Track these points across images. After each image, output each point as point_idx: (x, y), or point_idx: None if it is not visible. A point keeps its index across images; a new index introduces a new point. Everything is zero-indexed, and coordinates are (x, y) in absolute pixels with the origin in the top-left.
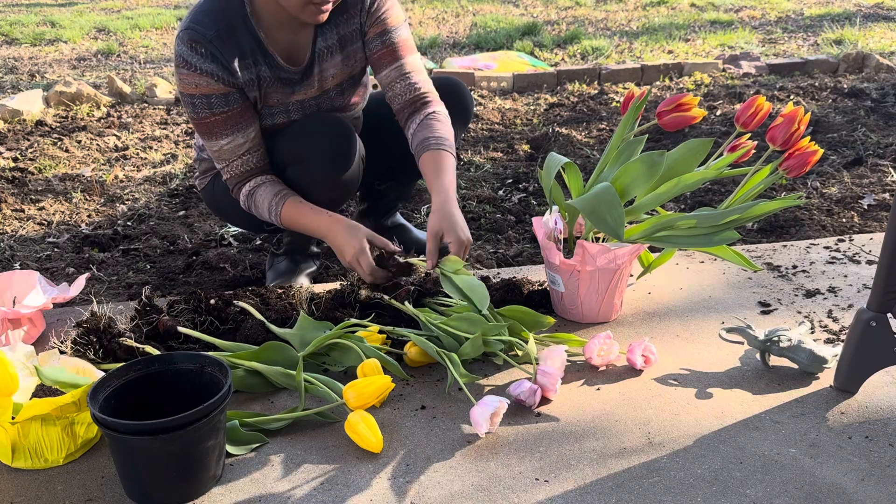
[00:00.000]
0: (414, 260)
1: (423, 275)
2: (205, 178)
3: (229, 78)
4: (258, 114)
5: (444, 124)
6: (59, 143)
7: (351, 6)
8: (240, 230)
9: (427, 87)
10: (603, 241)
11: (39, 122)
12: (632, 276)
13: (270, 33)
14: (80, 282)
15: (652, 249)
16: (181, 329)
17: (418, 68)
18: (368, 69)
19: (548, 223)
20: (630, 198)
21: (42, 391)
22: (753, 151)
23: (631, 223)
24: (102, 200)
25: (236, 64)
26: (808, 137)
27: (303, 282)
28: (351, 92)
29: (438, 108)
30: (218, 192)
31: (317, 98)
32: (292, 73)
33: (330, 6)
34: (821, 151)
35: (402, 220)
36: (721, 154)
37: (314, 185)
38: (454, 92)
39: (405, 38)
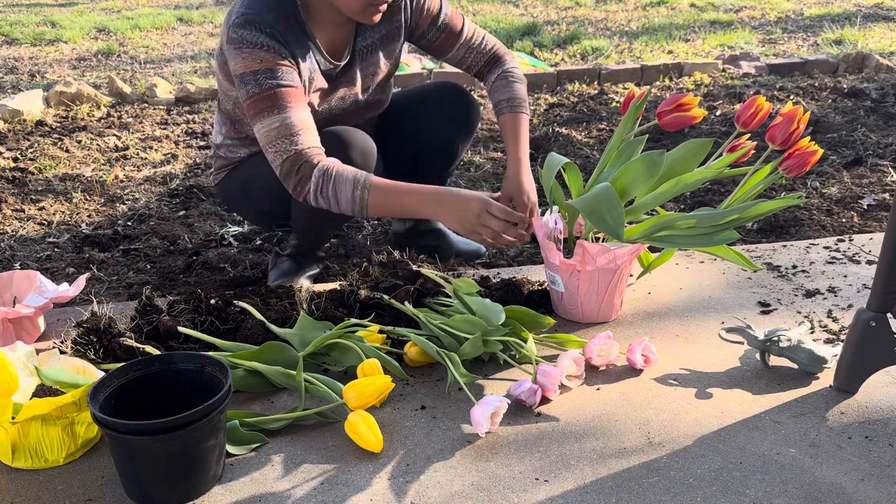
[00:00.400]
0: (426, 270)
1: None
2: (220, 174)
3: (290, 57)
4: None
5: (519, 82)
6: (59, 143)
7: (392, 4)
8: (240, 230)
9: (492, 45)
10: (603, 241)
11: (40, 122)
12: (632, 276)
13: (317, 28)
14: (81, 282)
15: (652, 249)
16: (181, 329)
17: (477, 32)
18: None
19: (548, 223)
20: (630, 198)
21: (42, 391)
22: (753, 151)
23: (631, 223)
24: (102, 200)
25: (295, 49)
26: (808, 137)
27: (303, 282)
28: (387, 89)
29: (510, 62)
30: (234, 188)
31: (357, 97)
32: (334, 69)
33: (385, 7)
34: (820, 151)
35: (440, 226)
36: (721, 154)
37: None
38: (459, 103)
39: (451, 11)
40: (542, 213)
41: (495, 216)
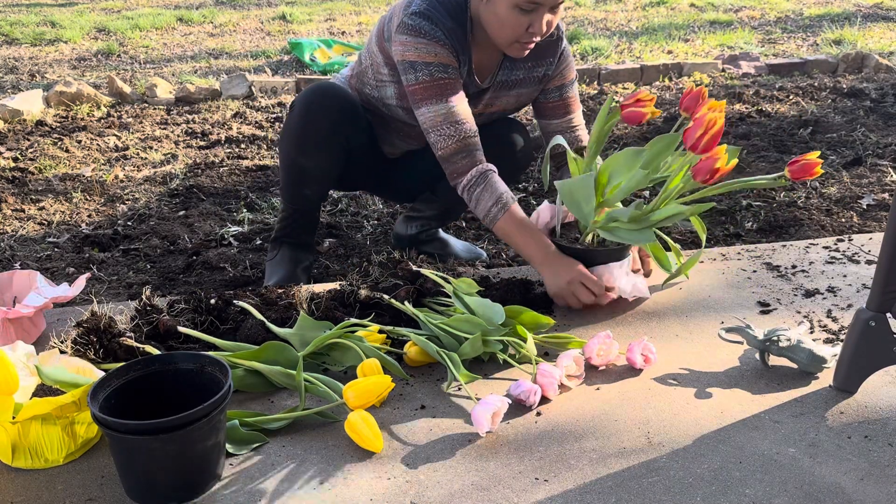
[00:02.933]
0: (426, 270)
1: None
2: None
3: (456, 59)
4: None
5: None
6: (59, 143)
7: (543, 54)
8: (240, 230)
9: (586, 139)
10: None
11: (40, 122)
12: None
13: (475, 47)
14: (81, 282)
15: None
16: (181, 329)
17: (581, 123)
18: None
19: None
20: (615, 184)
21: (42, 391)
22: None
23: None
24: (102, 200)
25: (460, 54)
26: (817, 154)
27: (301, 278)
28: (492, 121)
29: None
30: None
31: (482, 114)
32: (474, 87)
33: (533, 46)
34: (820, 163)
35: (443, 235)
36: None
37: (288, 139)
38: (512, 145)
39: (576, 93)
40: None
41: (586, 288)
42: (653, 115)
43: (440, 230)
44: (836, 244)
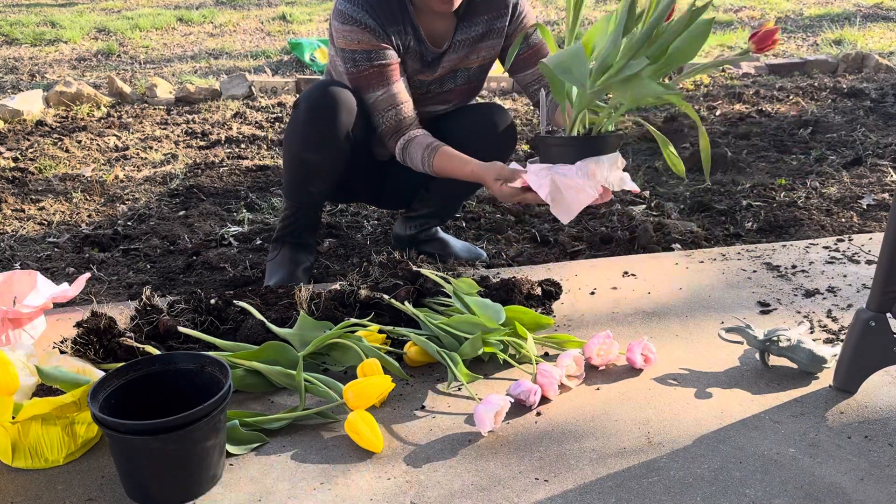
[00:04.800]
0: (426, 270)
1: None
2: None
3: (385, 36)
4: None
5: None
6: (59, 143)
7: (497, 5)
8: (240, 230)
9: None
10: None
11: (40, 122)
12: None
13: (420, 15)
14: (81, 282)
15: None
16: (181, 329)
17: None
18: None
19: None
20: (600, 57)
21: (42, 391)
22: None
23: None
24: (102, 200)
25: (391, 28)
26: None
27: (301, 278)
28: (462, 86)
29: None
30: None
31: (432, 81)
32: (430, 54)
33: (452, 3)
34: (778, 29)
35: (442, 235)
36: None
37: (294, 137)
38: (497, 128)
39: (541, 39)
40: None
41: (507, 182)
42: None
43: (440, 230)
44: (836, 244)
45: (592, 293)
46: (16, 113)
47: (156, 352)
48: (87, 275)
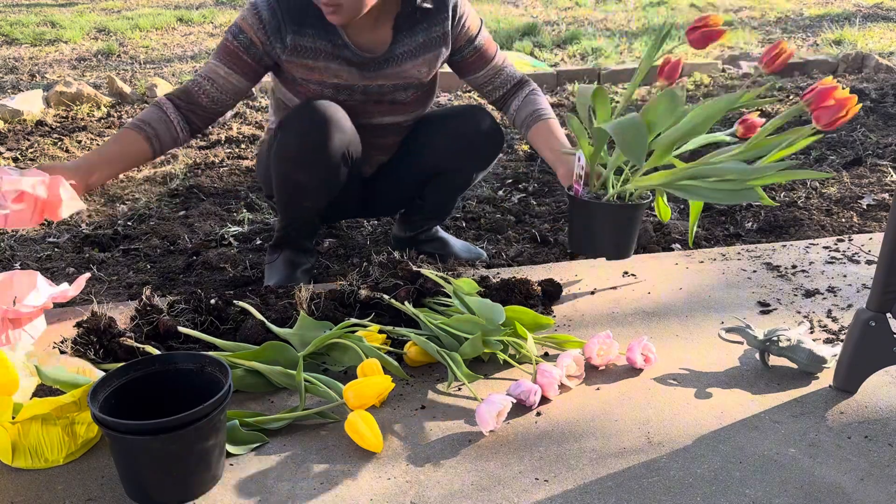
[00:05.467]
0: (426, 270)
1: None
2: (262, 146)
3: (268, 36)
4: (310, 84)
5: (543, 98)
6: (59, 144)
7: (435, 15)
8: (240, 230)
9: (519, 73)
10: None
11: (40, 123)
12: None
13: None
14: (81, 282)
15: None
16: (181, 329)
17: (505, 61)
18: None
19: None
20: (655, 133)
21: (42, 391)
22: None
23: (656, 168)
24: (102, 200)
25: (293, 28)
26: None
27: (301, 280)
28: (422, 96)
29: (533, 86)
30: (263, 152)
31: (381, 88)
32: (361, 57)
33: (337, 16)
34: (857, 107)
35: (442, 234)
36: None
37: (286, 159)
38: (482, 131)
39: (487, 36)
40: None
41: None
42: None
43: (439, 229)
44: (836, 244)
45: (592, 293)
46: (16, 113)
47: (156, 352)
48: (87, 275)
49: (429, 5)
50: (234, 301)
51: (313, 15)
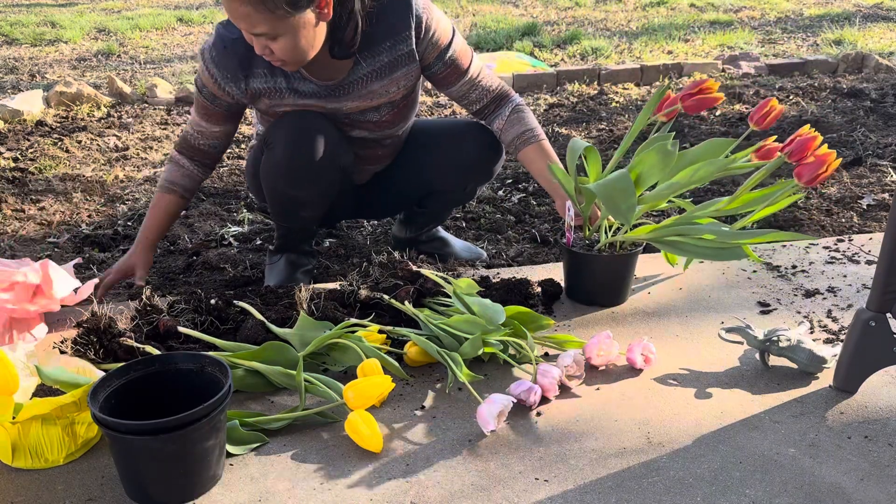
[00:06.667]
0: (426, 270)
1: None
2: (250, 153)
3: (223, 88)
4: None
5: (529, 115)
6: (59, 144)
7: (396, 30)
8: (240, 230)
9: (497, 83)
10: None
11: (40, 123)
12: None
13: None
14: (89, 287)
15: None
16: (181, 329)
17: (482, 70)
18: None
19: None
20: (645, 187)
21: (42, 391)
22: (779, 154)
23: (644, 219)
24: (103, 200)
25: (243, 73)
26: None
27: (301, 280)
28: (401, 113)
29: (516, 99)
30: (250, 162)
31: (355, 113)
32: (320, 86)
33: (287, 67)
34: (835, 163)
35: (443, 234)
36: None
37: (277, 176)
38: (482, 147)
39: (460, 48)
40: None
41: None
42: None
43: (440, 229)
44: (836, 244)
45: None
46: (16, 113)
47: (156, 352)
48: (95, 280)
49: (390, 17)
50: (235, 301)
51: (258, 57)
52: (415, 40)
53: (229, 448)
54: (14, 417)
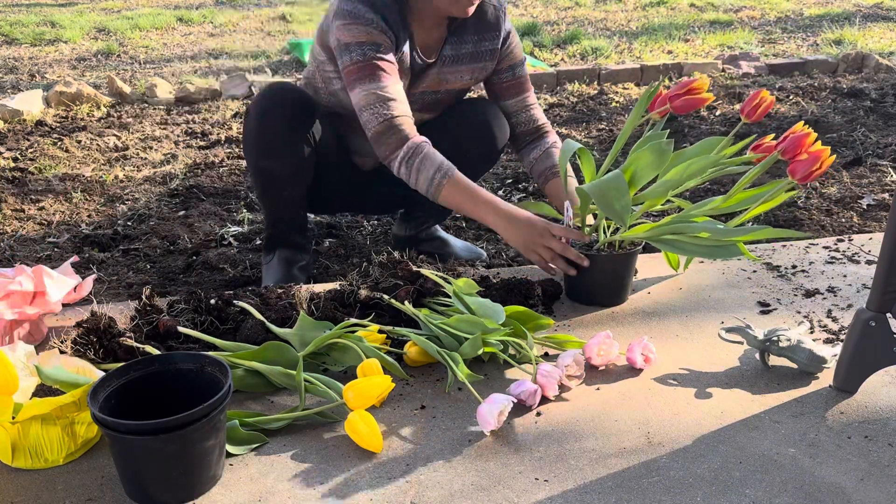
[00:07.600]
0: (426, 270)
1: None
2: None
3: (387, 32)
4: None
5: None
6: (59, 143)
7: (488, 28)
8: (240, 230)
9: (544, 119)
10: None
11: (39, 122)
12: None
13: (415, 24)
14: (88, 283)
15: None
16: (181, 329)
17: (536, 102)
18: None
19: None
20: (640, 185)
21: (42, 391)
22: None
23: (643, 218)
24: (102, 200)
25: (391, 27)
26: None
27: (298, 277)
28: (451, 100)
29: (554, 138)
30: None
31: (418, 93)
32: (418, 65)
33: (472, 7)
34: (829, 159)
35: (442, 234)
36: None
37: (248, 144)
38: (487, 127)
39: (527, 72)
40: None
41: (556, 237)
42: (709, 100)
43: (439, 228)
44: (836, 244)
45: None
46: (16, 113)
47: (156, 352)
48: (94, 276)
49: (483, 14)
50: (234, 301)
51: (396, 13)
52: (500, 42)
53: (229, 448)
54: (14, 417)
